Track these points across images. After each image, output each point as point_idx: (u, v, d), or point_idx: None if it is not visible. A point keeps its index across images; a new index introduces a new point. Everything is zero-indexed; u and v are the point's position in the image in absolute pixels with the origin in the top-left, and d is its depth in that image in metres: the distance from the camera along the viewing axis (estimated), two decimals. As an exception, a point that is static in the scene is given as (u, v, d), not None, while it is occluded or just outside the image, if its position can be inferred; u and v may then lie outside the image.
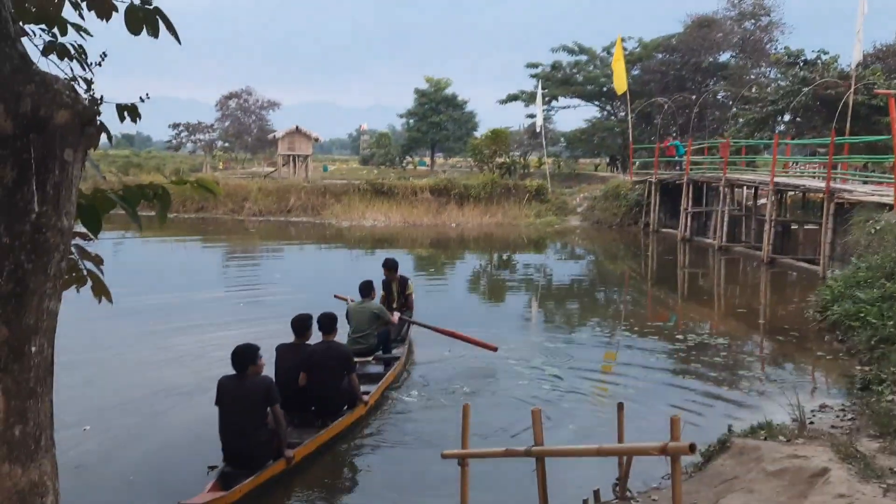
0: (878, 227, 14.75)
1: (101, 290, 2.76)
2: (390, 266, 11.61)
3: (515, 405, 9.02)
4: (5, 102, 1.87)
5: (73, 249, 2.55)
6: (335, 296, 11.97)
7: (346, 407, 8.11)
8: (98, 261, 2.74)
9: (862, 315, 11.02)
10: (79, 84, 3.05)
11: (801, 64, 31.57)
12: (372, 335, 10.10)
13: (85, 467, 7.07)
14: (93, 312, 3.27)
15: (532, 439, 4.99)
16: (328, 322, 8.33)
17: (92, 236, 2.43)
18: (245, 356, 6.74)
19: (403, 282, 11.75)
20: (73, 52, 2.98)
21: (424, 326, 11.10)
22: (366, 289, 10.32)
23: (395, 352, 10.57)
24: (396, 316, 10.78)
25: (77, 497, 6.10)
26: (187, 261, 23.08)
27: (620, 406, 6.01)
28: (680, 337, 12.79)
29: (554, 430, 7.75)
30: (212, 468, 6.75)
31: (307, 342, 8.15)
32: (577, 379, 10.23)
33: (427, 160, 60.00)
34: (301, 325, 8.12)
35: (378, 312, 10.15)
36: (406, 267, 21.03)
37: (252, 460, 6.54)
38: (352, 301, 10.68)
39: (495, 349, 10.77)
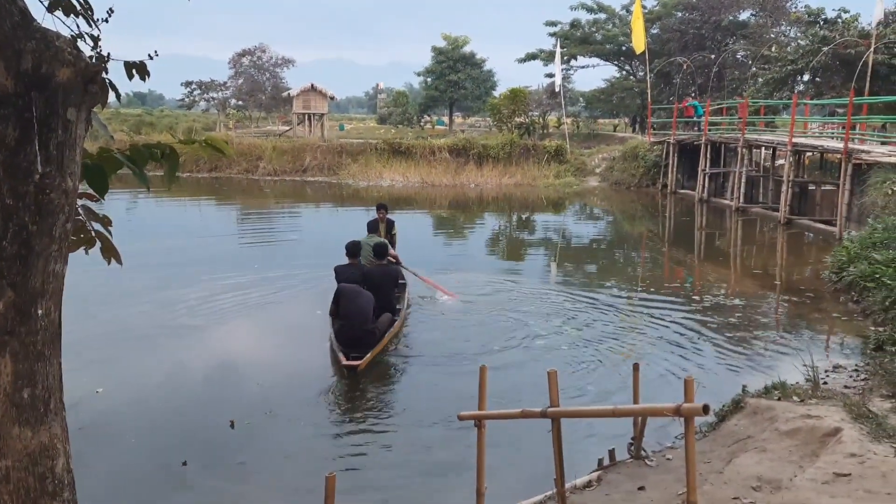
0: (895, 188, 14.59)
1: (110, 252, 2.75)
2: (381, 207, 13.43)
3: (532, 365, 9.05)
4: (6, 60, 1.83)
5: (80, 210, 2.53)
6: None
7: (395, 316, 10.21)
8: (107, 222, 2.72)
9: (877, 276, 10.98)
10: (85, 41, 3.01)
11: (822, 23, 30.95)
12: None
13: (89, 429, 7.05)
14: (104, 268, 3.27)
15: (548, 400, 4.99)
16: (382, 249, 10.68)
17: (98, 197, 2.41)
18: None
19: (390, 223, 13.43)
20: (79, 7, 2.93)
21: (409, 270, 12.74)
22: (373, 226, 12.90)
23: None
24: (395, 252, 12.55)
25: (79, 459, 6.20)
26: (201, 220, 23.15)
27: (636, 366, 6.02)
28: (696, 298, 12.76)
29: (570, 390, 7.78)
30: (232, 423, 7.28)
31: (358, 263, 10.34)
32: (594, 339, 10.25)
33: (445, 119, 59.51)
34: (354, 248, 10.39)
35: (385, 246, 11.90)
36: (426, 227, 21.24)
37: (365, 345, 8.90)
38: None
39: (455, 297, 12.44)
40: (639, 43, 34.20)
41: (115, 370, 8.91)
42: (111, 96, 2.56)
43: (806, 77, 31.98)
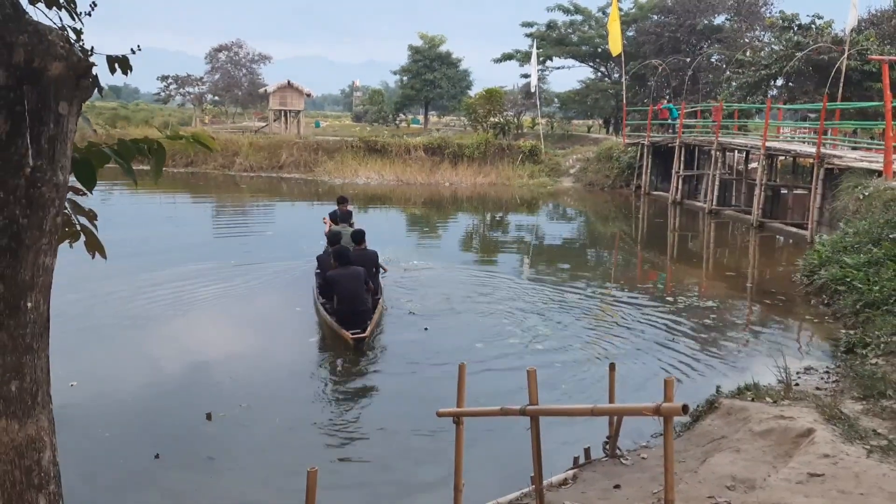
0: (866, 193, 14.81)
1: (94, 246, 2.73)
2: (342, 201, 14.41)
3: (510, 365, 9.09)
4: (-2, 53, 1.83)
5: (66, 204, 2.51)
6: (324, 219, 14.53)
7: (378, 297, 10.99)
8: (92, 216, 2.71)
9: (848, 280, 11.13)
10: (68, 34, 2.98)
11: (796, 28, 31.26)
12: None
13: (61, 422, 6.92)
14: (77, 259, 3.25)
15: (527, 398, 5.02)
16: (360, 236, 11.33)
17: (86, 191, 2.40)
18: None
19: (349, 213, 14.33)
20: (62, 0, 2.91)
21: None
22: (344, 216, 13.85)
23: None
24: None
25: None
26: (177, 213, 22.95)
27: (612, 366, 6.06)
28: (669, 299, 12.86)
29: (547, 389, 7.82)
30: (209, 415, 7.26)
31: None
32: (569, 339, 10.31)
33: (421, 118, 59.41)
34: (335, 237, 11.28)
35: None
36: (399, 226, 21.21)
37: (362, 321, 9.73)
38: (332, 226, 13.42)
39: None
40: (615, 45, 34.32)
41: (88, 362, 8.85)
42: (93, 90, 2.54)
43: (779, 82, 32.32)
